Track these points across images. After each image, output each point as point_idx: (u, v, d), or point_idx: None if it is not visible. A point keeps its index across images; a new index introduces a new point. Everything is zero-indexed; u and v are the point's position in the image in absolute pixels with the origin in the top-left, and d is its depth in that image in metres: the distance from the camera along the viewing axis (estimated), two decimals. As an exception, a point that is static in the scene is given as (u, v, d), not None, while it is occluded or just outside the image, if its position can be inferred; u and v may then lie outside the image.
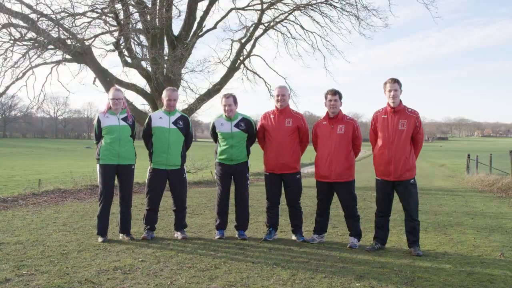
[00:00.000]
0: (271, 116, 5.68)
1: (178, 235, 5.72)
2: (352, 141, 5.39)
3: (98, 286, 3.72)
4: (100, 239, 5.39)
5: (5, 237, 5.48)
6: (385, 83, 5.11)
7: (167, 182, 5.73)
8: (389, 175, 4.99)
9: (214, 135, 5.90)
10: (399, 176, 4.95)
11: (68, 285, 3.73)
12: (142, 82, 16.55)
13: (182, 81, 15.78)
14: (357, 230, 5.42)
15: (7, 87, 13.94)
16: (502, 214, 7.99)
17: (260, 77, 18.64)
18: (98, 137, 5.58)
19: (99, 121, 5.56)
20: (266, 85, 18.67)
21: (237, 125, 5.68)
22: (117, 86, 6.06)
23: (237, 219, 5.83)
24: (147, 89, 16.07)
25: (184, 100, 16.45)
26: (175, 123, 5.68)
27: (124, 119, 5.56)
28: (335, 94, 5.39)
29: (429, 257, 4.81)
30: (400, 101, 5.05)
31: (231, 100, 5.67)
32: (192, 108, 15.21)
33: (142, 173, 8.14)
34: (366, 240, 5.50)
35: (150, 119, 5.72)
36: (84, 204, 8.52)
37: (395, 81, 5.03)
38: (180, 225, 5.75)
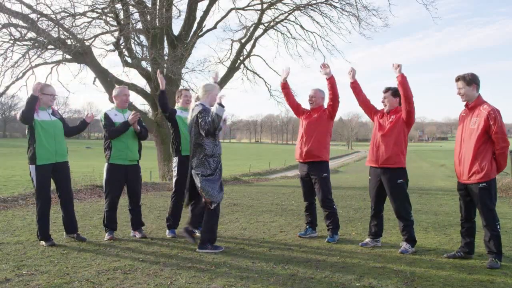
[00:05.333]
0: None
1: (136, 234, 5.67)
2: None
3: (98, 286, 3.72)
4: (44, 243, 5.10)
5: (5, 237, 5.48)
6: None
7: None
8: (460, 176, 4.76)
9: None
10: (467, 178, 4.64)
11: (68, 285, 3.73)
12: (142, 82, 16.59)
13: (182, 81, 15.81)
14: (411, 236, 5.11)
15: (7, 87, 13.97)
16: (502, 214, 7.99)
17: (260, 77, 18.66)
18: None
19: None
20: (266, 85, 18.71)
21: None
22: (46, 83, 5.87)
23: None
24: (147, 89, 16.10)
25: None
26: None
27: (53, 114, 5.36)
28: (387, 91, 5.19)
29: (429, 257, 4.81)
30: (479, 96, 4.65)
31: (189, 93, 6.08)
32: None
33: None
34: (357, 239, 5.49)
35: (108, 116, 5.55)
36: (84, 204, 8.51)
37: (458, 79, 4.68)
38: (138, 223, 5.72)
